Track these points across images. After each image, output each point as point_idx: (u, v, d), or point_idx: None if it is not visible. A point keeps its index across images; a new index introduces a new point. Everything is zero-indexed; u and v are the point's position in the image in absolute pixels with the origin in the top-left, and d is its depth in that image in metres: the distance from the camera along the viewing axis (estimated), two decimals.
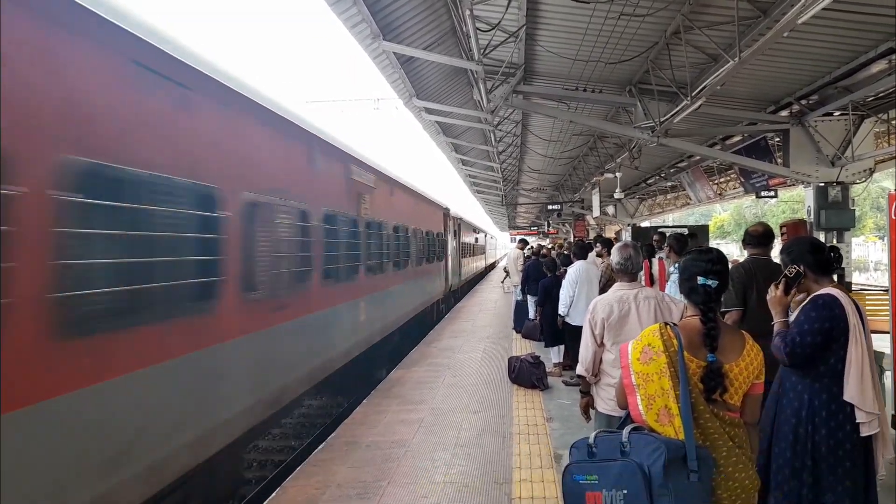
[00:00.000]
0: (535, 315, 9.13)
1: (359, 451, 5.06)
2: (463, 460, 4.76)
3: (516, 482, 4.28)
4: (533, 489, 4.16)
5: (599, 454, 2.01)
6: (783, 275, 2.79)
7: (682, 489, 1.85)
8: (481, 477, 4.41)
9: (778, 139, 9.47)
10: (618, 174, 14.03)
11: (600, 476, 1.93)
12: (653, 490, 1.83)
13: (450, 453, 4.92)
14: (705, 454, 1.93)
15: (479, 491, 4.16)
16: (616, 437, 2.00)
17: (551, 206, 21.30)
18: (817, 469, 2.55)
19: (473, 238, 25.37)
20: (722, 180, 15.90)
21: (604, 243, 8.00)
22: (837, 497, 2.52)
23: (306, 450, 6.41)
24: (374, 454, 4.96)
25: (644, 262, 5.68)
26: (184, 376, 3.57)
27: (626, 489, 1.86)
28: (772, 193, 12.33)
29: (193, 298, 3.67)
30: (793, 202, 40.81)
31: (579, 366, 3.23)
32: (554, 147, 14.10)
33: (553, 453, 4.85)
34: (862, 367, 2.53)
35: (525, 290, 10.85)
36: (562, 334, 7.37)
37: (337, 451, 5.10)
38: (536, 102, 9.86)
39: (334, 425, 6.52)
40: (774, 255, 3.86)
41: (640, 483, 1.84)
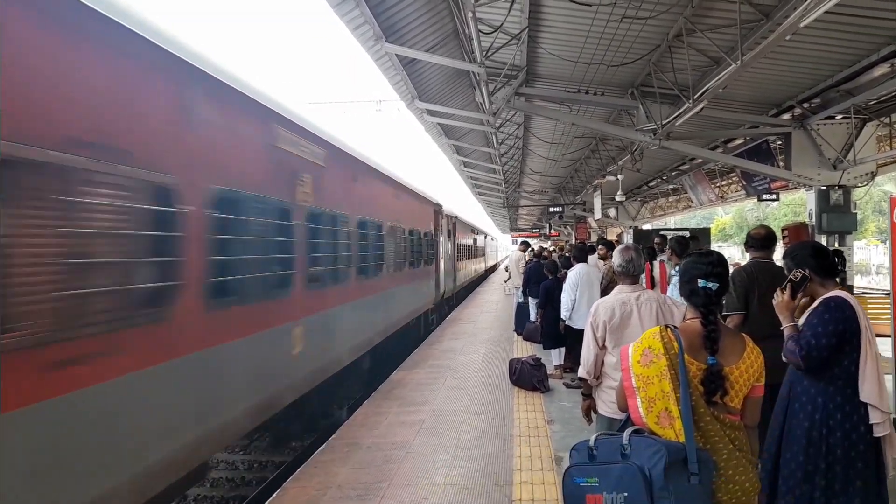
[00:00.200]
0: (535, 317, 9.13)
1: (360, 452, 5.07)
2: (464, 462, 4.76)
3: (517, 484, 4.28)
4: (533, 491, 4.16)
5: (600, 457, 2.01)
6: (788, 279, 2.78)
7: (683, 492, 1.85)
8: (482, 479, 4.41)
9: (780, 142, 9.48)
10: (619, 177, 14.06)
11: (601, 478, 1.93)
12: (653, 493, 1.83)
13: (450, 455, 4.93)
14: (706, 457, 1.93)
15: (479, 493, 4.17)
16: (617, 440, 2.00)
17: (553, 209, 21.33)
18: (831, 472, 2.55)
19: (472, 239, 24.68)
20: (724, 183, 15.91)
21: (606, 245, 8.01)
22: (849, 498, 2.52)
23: (307, 451, 6.41)
24: (374, 456, 4.97)
25: (645, 264, 5.67)
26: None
27: (626, 492, 1.86)
28: (773, 196, 12.34)
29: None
30: (794, 205, 40.80)
31: (581, 368, 3.23)
32: (556, 149, 14.10)
33: (554, 455, 4.85)
34: (877, 367, 2.54)
35: (526, 293, 10.86)
36: (562, 337, 7.37)
37: (338, 452, 5.11)
38: (538, 105, 9.87)
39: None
40: (777, 258, 3.85)
41: (640, 486, 1.84)
